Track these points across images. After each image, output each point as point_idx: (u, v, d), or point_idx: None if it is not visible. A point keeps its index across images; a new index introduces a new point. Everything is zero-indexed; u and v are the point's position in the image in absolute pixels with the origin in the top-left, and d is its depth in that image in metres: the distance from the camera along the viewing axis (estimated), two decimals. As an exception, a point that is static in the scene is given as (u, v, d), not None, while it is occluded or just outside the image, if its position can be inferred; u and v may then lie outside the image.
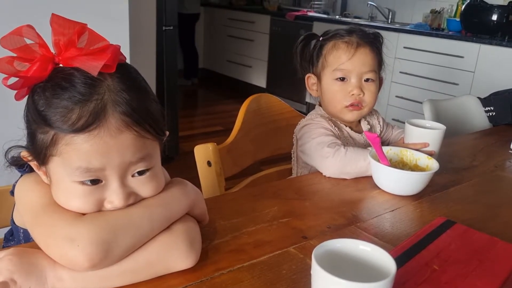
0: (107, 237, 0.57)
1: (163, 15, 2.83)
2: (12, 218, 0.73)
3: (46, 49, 0.58)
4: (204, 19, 5.70)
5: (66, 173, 0.58)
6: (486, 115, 1.75)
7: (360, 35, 1.16)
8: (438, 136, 1.14)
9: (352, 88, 1.14)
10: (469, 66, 3.23)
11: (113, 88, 0.57)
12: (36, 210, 0.61)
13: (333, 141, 1.08)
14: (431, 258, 0.70)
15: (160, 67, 2.91)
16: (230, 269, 0.67)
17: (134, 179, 0.61)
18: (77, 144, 0.55)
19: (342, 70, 1.14)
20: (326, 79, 1.18)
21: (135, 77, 0.62)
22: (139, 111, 0.58)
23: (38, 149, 0.59)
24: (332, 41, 1.18)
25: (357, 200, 0.95)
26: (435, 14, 3.81)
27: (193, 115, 4.46)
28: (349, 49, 1.14)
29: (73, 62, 0.57)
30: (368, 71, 1.15)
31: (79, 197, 0.59)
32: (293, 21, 4.49)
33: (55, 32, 0.57)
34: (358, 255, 0.58)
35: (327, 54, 1.17)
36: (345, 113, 1.17)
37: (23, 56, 0.57)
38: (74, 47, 0.57)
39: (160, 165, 0.66)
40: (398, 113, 3.65)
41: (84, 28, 0.57)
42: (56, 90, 0.56)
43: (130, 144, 0.58)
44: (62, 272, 0.58)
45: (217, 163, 1.11)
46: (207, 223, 0.74)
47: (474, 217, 0.90)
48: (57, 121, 0.55)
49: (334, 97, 1.17)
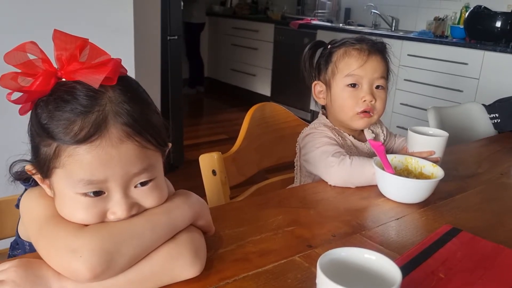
0: (110, 248, 0.57)
1: (168, 25, 2.86)
2: (17, 232, 0.74)
3: (49, 64, 0.59)
4: (209, 29, 5.73)
5: (69, 185, 0.58)
6: (491, 122, 1.74)
7: (370, 43, 1.17)
8: (441, 143, 1.13)
9: (364, 94, 1.13)
10: (474, 73, 3.23)
11: (114, 99, 0.58)
12: (40, 223, 0.62)
13: (338, 150, 1.07)
14: (437, 267, 0.70)
15: (165, 76, 2.93)
16: (235, 278, 0.67)
17: (137, 190, 0.62)
18: (79, 155, 0.56)
19: (354, 76, 1.14)
20: (336, 86, 1.17)
21: (136, 89, 0.63)
22: (140, 121, 0.59)
23: (41, 162, 0.60)
24: (343, 48, 1.17)
25: (362, 208, 0.95)
26: (439, 21, 3.82)
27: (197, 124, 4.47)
28: (361, 56, 1.14)
29: (75, 75, 0.58)
30: (379, 77, 1.15)
31: (82, 209, 0.59)
32: (297, 30, 4.51)
33: (57, 47, 0.58)
34: (363, 264, 0.58)
35: (337, 60, 1.17)
36: (356, 120, 1.16)
37: (26, 72, 0.58)
38: (76, 61, 0.58)
39: (163, 176, 0.66)
40: (403, 121, 3.64)
41: (85, 42, 0.59)
42: (58, 103, 0.57)
43: (132, 155, 0.58)
44: (67, 283, 0.58)
45: (222, 172, 1.11)
46: (212, 234, 0.74)
47: (480, 225, 0.90)
48: (59, 133, 0.56)
49: (345, 104, 1.15)
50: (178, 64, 3.04)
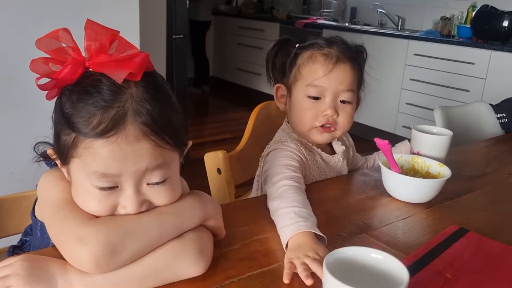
0: (115, 240, 0.58)
1: (173, 23, 2.85)
2: (33, 211, 0.75)
3: (78, 53, 0.60)
4: (214, 28, 5.73)
5: (84, 175, 0.59)
6: (498, 122, 1.73)
7: (341, 48, 1.02)
8: (445, 142, 1.12)
9: (325, 107, 1.00)
10: (480, 73, 3.21)
11: (136, 96, 0.58)
12: (55, 206, 0.63)
13: (290, 179, 0.89)
14: (444, 267, 0.69)
15: (170, 75, 2.93)
16: (240, 277, 0.66)
17: (149, 187, 0.62)
18: (95, 148, 0.57)
19: (317, 86, 1.00)
20: (297, 93, 1.03)
21: (161, 86, 0.63)
22: (159, 121, 0.59)
23: (61, 149, 0.61)
24: (309, 51, 1.03)
25: (368, 208, 0.94)
26: (445, 21, 3.79)
27: (202, 123, 4.47)
28: (327, 63, 1.00)
29: (102, 68, 0.58)
30: (345, 90, 1.01)
31: (94, 200, 0.60)
32: (302, 29, 4.50)
33: (88, 37, 0.59)
34: (369, 264, 0.58)
35: (301, 65, 1.03)
36: (314, 134, 1.03)
37: (57, 58, 0.59)
38: (105, 53, 0.59)
39: (178, 176, 0.66)
40: (409, 120, 3.63)
41: (115, 35, 0.59)
42: (82, 95, 0.58)
43: (146, 153, 0.58)
44: (73, 278, 0.59)
45: (227, 170, 1.10)
46: (223, 237, 0.74)
47: (488, 225, 0.89)
48: (78, 124, 0.57)
49: (303, 115, 1.02)
50: (184, 63, 3.03)
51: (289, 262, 0.68)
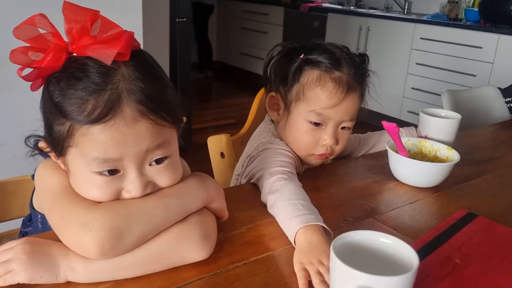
0: (119, 224, 0.57)
1: (177, 6, 2.82)
2: (31, 203, 0.73)
3: (59, 38, 0.57)
4: (218, 12, 5.68)
5: (84, 164, 0.57)
6: (507, 106, 1.70)
7: (352, 73, 0.93)
8: (453, 126, 1.10)
9: (326, 136, 0.94)
10: (488, 57, 3.16)
11: (127, 76, 0.56)
12: (54, 195, 0.62)
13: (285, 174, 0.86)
14: (453, 252, 0.68)
15: (173, 59, 2.90)
16: (245, 262, 0.65)
17: (151, 168, 0.60)
18: (93, 134, 0.55)
19: (321, 115, 0.93)
20: (297, 114, 0.95)
21: (150, 64, 0.61)
22: (155, 99, 0.57)
23: (55, 141, 0.59)
24: (317, 71, 0.93)
25: (374, 192, 0.93)
26: (453, 4, 3.73)
27: (206, 108, 4.45)
28: (337, 93, 0.91)
29: (86, 51, 0.56)
30: (349, 119, 0.95)
31: (97, 187, 0.58)
32: (307, 13, 4.44)
33: (67, 20, 0.56)
34: (377, 248, 0.56)
35: (307, 86, 0.93)
36: (309, 159, 0.98)
37: (36, 46, 0.56)
38: (88, 35, 0.56)
39: (178, 155, 0.65)
40: (414, 106, 3.59)
41: (97, 15, 0.56)
42: (70, 81, 0.55)
43: (146, 132, 0.57)
44: (75, 263, 0.58)
45: (230, 154, 1.09)
46: (225, 219, 0.73)
47: (497, 210, 0.87)
48: (72, 112, 0.55)
49: (301, 139, 0.96)
50: (187, 47, 3.00)
51: (302, 269, 0.63)
